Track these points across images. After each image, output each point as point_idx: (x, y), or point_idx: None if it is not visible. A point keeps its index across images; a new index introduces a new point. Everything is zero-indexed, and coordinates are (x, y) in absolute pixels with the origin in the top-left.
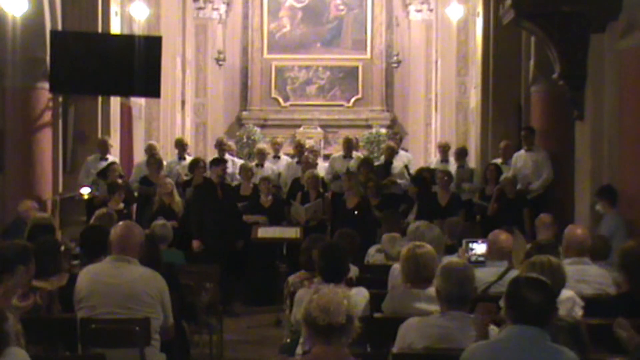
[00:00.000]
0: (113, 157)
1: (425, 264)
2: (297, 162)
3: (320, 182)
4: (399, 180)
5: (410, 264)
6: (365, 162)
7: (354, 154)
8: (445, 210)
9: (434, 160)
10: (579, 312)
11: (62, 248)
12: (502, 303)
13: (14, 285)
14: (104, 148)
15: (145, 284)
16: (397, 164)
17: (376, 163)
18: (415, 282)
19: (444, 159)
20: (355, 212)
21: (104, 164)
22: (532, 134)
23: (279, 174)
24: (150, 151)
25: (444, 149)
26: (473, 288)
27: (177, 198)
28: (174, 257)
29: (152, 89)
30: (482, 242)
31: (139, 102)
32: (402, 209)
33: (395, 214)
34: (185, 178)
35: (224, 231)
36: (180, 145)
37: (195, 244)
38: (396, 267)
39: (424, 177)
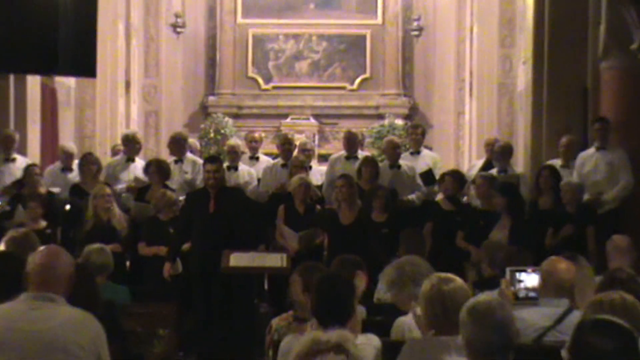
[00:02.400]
0: (22, 157)
1: (455, 304)
2: (283, 165)
3: (310, 191)
4: (416, 191)
5: (435, 304)
6: (369, 162)
7: (360, 153)
8: (483, 229)
9: (476, 163)
10: None
11: None
12: (564, 355)
13: None
14: (8, 144)
15: (74, 331)
16: (405, 167)
17: (421, 169)
18: (443, 329)
19: (494, 163)
20: (384, 231)
21: (13, 167)
22: (607, 128)
23: (259, 181)
24: (128, 141)
25: (493, 147)
26: (515, 334)
27: (118, 212)
28: (115, 294)
29: (84, 66)
30: (534, 271)
31: (66, 84)
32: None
33: (416, 234)
34: (133, 185)
35: (215, 251)
36: (131, 142)
37: (166, 267)
38: (405, 319)
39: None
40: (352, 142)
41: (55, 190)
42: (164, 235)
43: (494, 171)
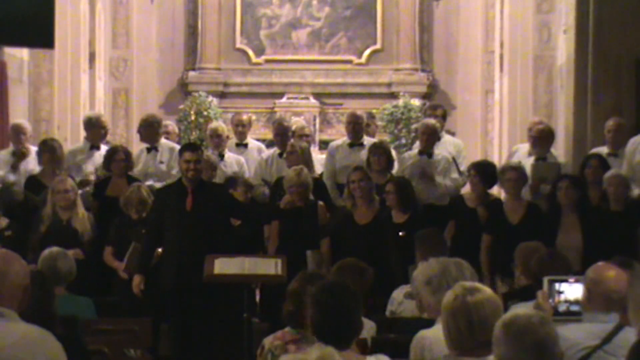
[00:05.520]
0: None
1: (482, 319)
2: (279, 155)
3: (310, 186)
4: (442, 181)
5: (459, 319)
6: (379, 149)
7: (367, 140)
8: (517, 229)
9: (520, 149)
10: None
11: None
12: None
13: None
14: None
15: (29, 352)
16: (439, 155)
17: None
18: (467, 348)
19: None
20: (401, 234)
21: None
22: None
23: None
24: (91, 125)
25: (538, 133)
26: (559, 356)
27: (81, 211)
28: (77, 307)
29: (39, 35)
30: (577, 281)
31: (18, 56)
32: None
33: (435, 235)
34: (92, 178)
35: (194, 257)
36: (94, 126)
37: (135, 281)
38: (428, 334)
39: None
40: (356, 127)
41: (11, 178)
42: (136, 239)
43: (531, 159)
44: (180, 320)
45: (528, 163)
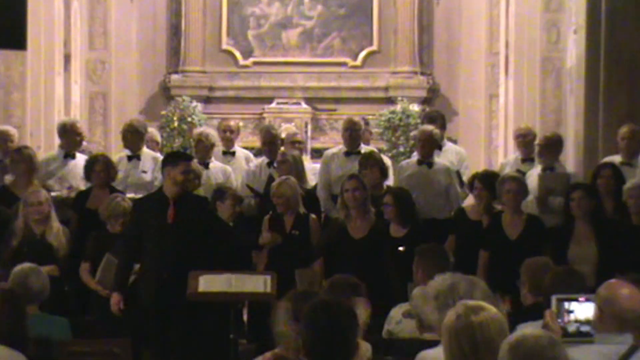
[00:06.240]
0: None
1: (487, 339)
2: (268, 164)
3: (298, 196)
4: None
5: (462, 339)
6: (370, 159)
7: (365, 148)
8: (517, 245)
9: (509, 158)
10: None
11: None
12: None
13: None
14: None
15: None
16: (439, 164)
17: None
18: None
19: (527, 157)
20: (400, 249)
21: None
22: None
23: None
24: (65, 132)
25: (525, 139)
26: None
27: (56, 225)
28: (51, 327)
29: (11, 35)
30: (587, 299)
31: None
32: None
33: (438, 250)
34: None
35: (176, 273)
36: (69, 133)
37: (114, 299)
38: (432, 354)
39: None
40: (354, 134)
41: None
42: (116, 254)
43: (537, 170)
44: (161, 341)
45: (535, 173)
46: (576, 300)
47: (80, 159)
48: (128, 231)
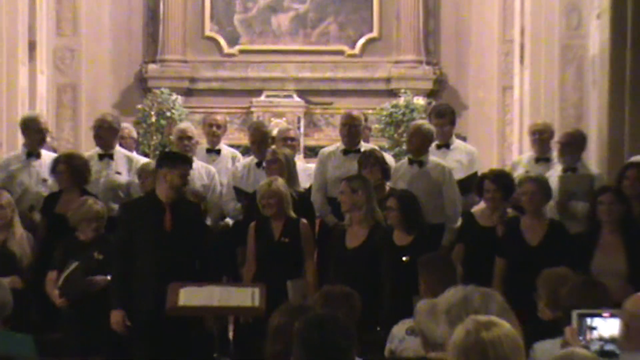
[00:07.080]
0: None
1: (501, 358)
2: (257, 165)
3: (289, 201)
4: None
5: (473, 358)
6: (371, 158)
7: (365, 146)
8: (536, 252)
9: (522, 157)
10: None
11: None
12: None
13: None
14: None
15: None
16: (432, 163)
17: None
18: None
19: (543, 156)
20: (404, 258)
21: None
22: None
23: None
24: (27, 128)
25: (541, 136)
26: None
27: (19, 232)
28: (14, 346)
29: None
30: (612, 315)
31: None
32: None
33: (442, 260)
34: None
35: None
36: (30, 129)
37: (115, 317)
38: None
39: None
40: (353, 130)
41: None
42: (86, 263)
43: (557, 171)
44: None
45: (554, 174)
46: (600, 315)
47: (47, 158)
48: (119, 239)
